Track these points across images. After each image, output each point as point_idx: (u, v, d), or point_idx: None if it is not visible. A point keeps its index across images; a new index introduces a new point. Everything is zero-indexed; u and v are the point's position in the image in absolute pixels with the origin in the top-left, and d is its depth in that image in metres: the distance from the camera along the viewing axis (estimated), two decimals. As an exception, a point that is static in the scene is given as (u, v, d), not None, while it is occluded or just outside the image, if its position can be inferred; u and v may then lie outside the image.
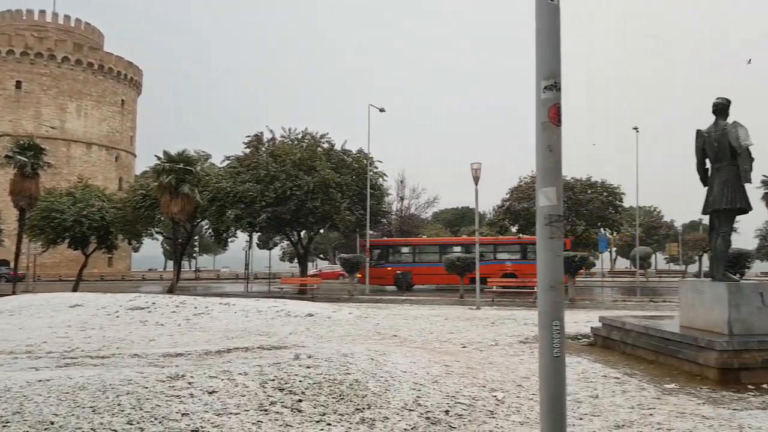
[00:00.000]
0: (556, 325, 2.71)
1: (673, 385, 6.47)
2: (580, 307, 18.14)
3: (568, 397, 5.93)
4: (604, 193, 22.49)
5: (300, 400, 5.17)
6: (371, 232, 32.94)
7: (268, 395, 5.24)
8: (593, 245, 31.22)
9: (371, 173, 29.46)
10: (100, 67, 64.24)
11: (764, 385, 6.41)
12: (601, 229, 26.60)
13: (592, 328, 9.97)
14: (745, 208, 7.82)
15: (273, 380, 5.63)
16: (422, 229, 45.25)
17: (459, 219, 63.31)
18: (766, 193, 60.60)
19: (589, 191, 22.35)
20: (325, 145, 29.88)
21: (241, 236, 31.77)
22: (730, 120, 7.90)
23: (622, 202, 23.56)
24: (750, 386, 6.39)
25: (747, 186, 7.83)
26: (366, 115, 28.96)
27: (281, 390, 5.39)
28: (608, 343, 9.17)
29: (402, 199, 35.96)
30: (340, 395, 5.39)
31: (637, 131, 35.70)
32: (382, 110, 28.72)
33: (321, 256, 71.79)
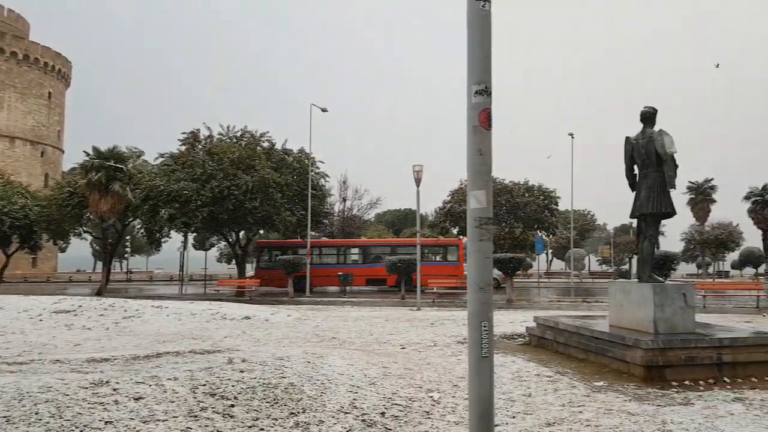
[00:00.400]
0: (484, 326, 2.73)
1: (602, 383, 6.68)
2: (518, 307, 18.59)
3: (503, 396, 6.05)
4: (541, 197, 23.18)
5: (232, 405, 5.01)
6: (313, 233, 32.63)
7: (199, 401, 5.06)
8: (530, 247, 32.13)
9: (313, 173, 29.21)
10: (25, 57, 60.95)
11: (686, 382, 6.72)
12: (538, 232, 27.40)
13: (527, 327, 10.21)
14: (670, 213, 8.20)
15: (204, 385, 5.44)
16: (364, 230, 45.25)
17: (401, 220, 63.80)
18: (691, 198, 64.28)
19: (527, 195, 22.97)
20: (265, 144, 29.41)
21: (176, 237, 30.81)
22: (656, 128, 8.27)
23: (557, 205, 24.36)
24: (674, 383, 6.68)
25: (674, 191, 8.22)
26: (308, 115, 28.69)
27: (213, 395, 5.22)
28: (542, 342, 9.41)
29: (344, 200, 35.90)
30: (275, 399, 5.27)
31: (572, 137, 37.01)
32: (324, 110, 28.53)
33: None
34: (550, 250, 62.95)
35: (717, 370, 7.03)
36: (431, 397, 5.93)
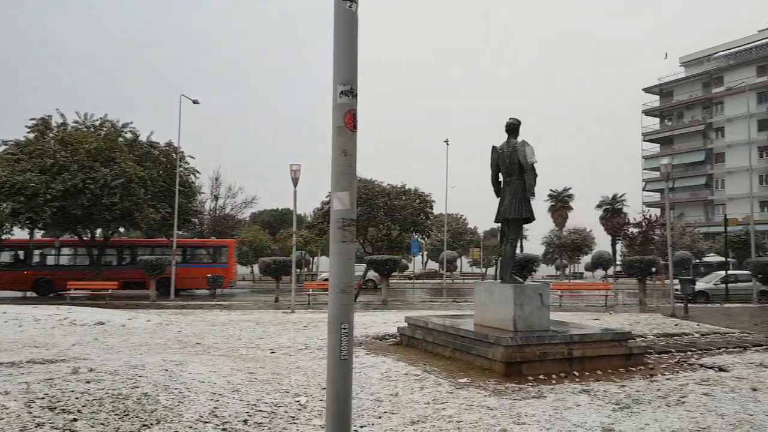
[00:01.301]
0: (345, 328, 2.69)
1: (465, 380, 6.94)
2: (392, 308, 18.93)
3: (370, 396, 6.07)
4: (417, 200, 23.88)
5: (75, 420, 4.54)
6: (180, 232, 30.97)
7: (35, 416, 4.52)
8: (407, 249, 33.00)
9: (181, 169, 27.69)
10: None
11: (541, 376, 7.18)
12: (414, 234, 28.18)
13: (398, 328, 10.39)
14: (530, 218, 8.74)
15: (42, 398, 4.88)
16: (238, 230, 43.82)
17: (278, 220, 62.61)
18: (551, 205, 69.66)
19: (404, 198, 23.55)
20: (129, 135, 27.41)
21: (21, 234, 27.70)
22: (520, 139, 8.79)
23: (432, 209, 25.23)
24: (530, 377, 7.11)
25: (536, 198, 8.79)
26: (177, 107, 27.19)
27: (52, 409, 4.69)
28: (413, 341, 9.62)
29: (216, 198, 34.47)
30: (125, 411, 4.85)
31: (448, 144, 38.71)
32: (195, 102, 27.18)
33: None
34: (426, 252, 65.14)
35: (568, 365, 7.59)
36: (298, 401, 5.80)
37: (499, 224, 9.15)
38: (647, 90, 75.32)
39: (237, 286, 40.91)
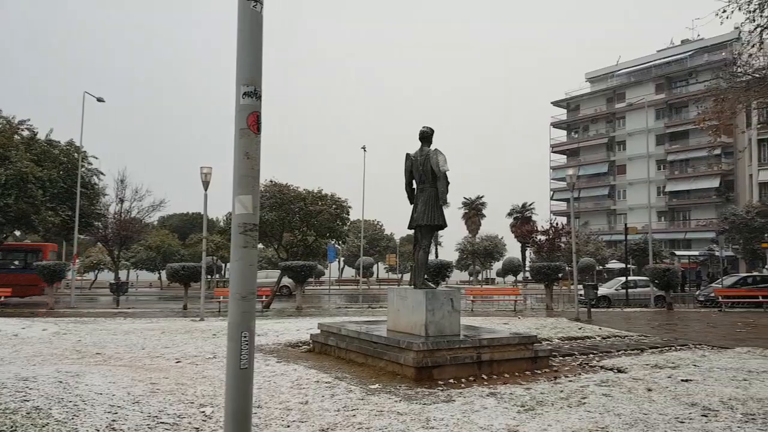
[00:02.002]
0: (245, 336, 2.57)
1: (377, 386, 6.91)
2: (306, 314, 18.68)
3: (279, 405, 5.91)
4: (333, 206, 23.75)
5: (-55, 442, 4.09)
6: (81, 236, 29.12)
7: None
8: (323, 255, 32.77)
9: (84, 169, 26.07)
10: None
11: (451, 380, 7.27)
12: (331, 240, 28.02)
13: (311, 335, 10.23)
14: (442, 225, 8.89)
15: None
16: (145, 234, 41.85)
17: (189, 225, 60.46)
18: (465, 213, 71.65)
19: (320, 203, 23.36)
20: (25, 133, 25.52)
21: None
22: (433, 147, 8.92)
23: (348, 215, 25.19)
24: (440, 381, 7.19)
25: (450, 206, 8.95)
26: (81, 105, 25.59)
27: None
28: (325, 348, 9.50)
29: (122, 200, 32.61)
30: (13, 427, 4.45)
31: (365, 150, 38.91)
32: (100, 100, 25.74)
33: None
34: (342, 258, 65.04)
35: (477, 368, 7.75)
36: (203, 412, 5.55)
37: (413, 231, 9.23)
38: (555, 103, 79.37)
39: (143, 293, 39.01)
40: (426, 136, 8.95)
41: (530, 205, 71.13)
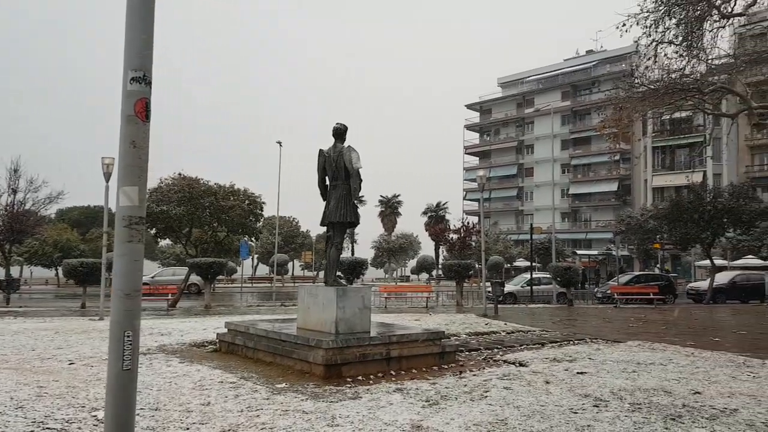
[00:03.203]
0: (128, 336, 2.40)
1: (284, 385, 6.78)
2: (215, 313, 18.10)
3: (179, 407, 5.64)
4: (246, 201, 23.11)
5: None
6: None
7: None
8: (235, 252, 31.89)
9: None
10: None
11: (360, 377, 7.25)
12: (244, 236, 27.29)
13: (217, 334, 9.90)
14: (354, 222, 8.86)
15: None
16: (41, 228, 38.88)
17: (90, 219, 57.04)
18: (381, 211, 72.31)
19: (232, 198, 22.65)
20: None
21: None
22: (346, 144, 8.87)
23: (262, 210, 24.60)
24: (348, 379, 7.15)
25: (367, 204, 8.93)
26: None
27: None
28: (233, 348, 9.22)
29: (15, 191, 30.01)
30: None
31: (281, 145, 38.23)
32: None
33: None
34: (256, 255, 63.69)
35: (386, 365, 7.78)
36: (95, 416, 5.21)
37: (325, 227, 9.15)
38: (469, 106, 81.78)
39: (38, 290, 36.40)
40: (339, 133, 8.89)
41: (444, 204, 72.85)
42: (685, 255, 50.48)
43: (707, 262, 33.03)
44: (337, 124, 8.92)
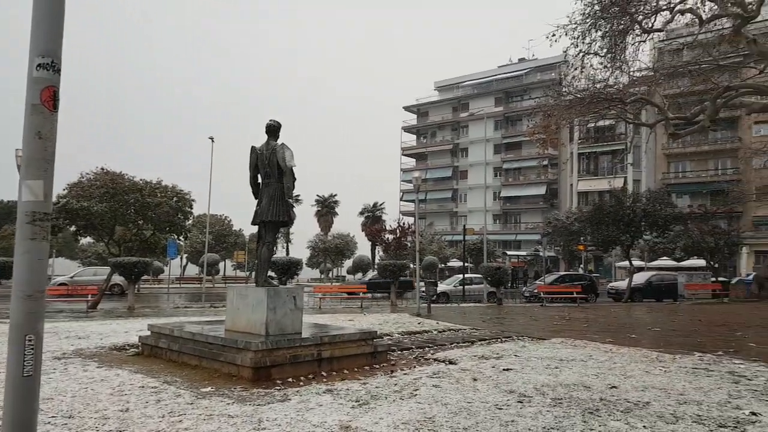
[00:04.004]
0: (30, 340, 2.25)
1: (209, 389, 6.58)
2: (139, 315, 17.38)
3: (95, 414, 5.36)
4: (174, 198, 22.30)
5: None
6: None
7: None
8: (162, 251, 30.76)
9: None
10: None
11: (290, 379, 7.14)
12: (171, 235, 26.37)
13: (139, 337, 9.50)
14: (287, 222, 8.73)
15: None
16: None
17: (3, 214, 53.58)
18: (318, 211, 71.83)
19: (159, 194, 21.81)
20: None
21: None
22: (280, 141, 8.73)
23: (191, 208, 23.81)
24: (278, 381, 7.03)
25: (304, 203, 8.81)
26: None
27: None
28: (156, 351, 8.87)
29: None
30: None
31: (213, 141, 37.16)
32: None
33: None
34: (185, 255, 61.76)
35: (317, 366, 7.71)
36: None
37: (257, 227, 8.97)
38: (407, 108, 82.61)
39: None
40: (273, 130, 8.73)
41: (381, 204, 73.28)
42: (606, 256, 53.01)
43: (626, 263, 34.81)
44: (270, 120, 8.76)
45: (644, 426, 5.16)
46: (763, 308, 22.90)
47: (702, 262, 38.36)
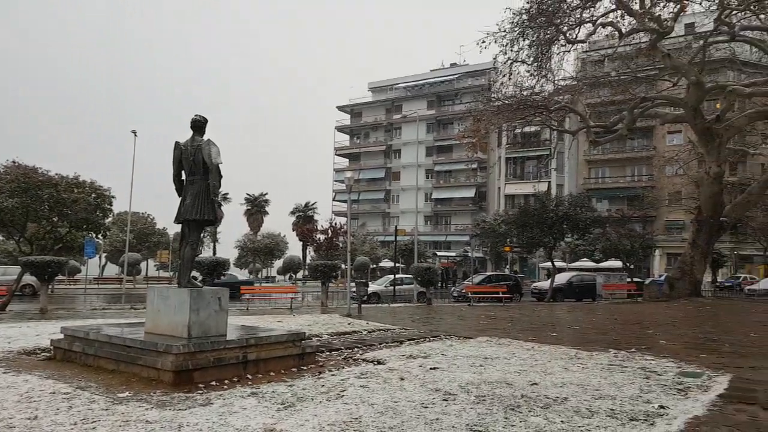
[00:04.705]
0: None
1: (127, 394, 6.29)
2: (52, 317, 16.39)
3: (0, 423, 5.01)
4: (93, 195, 21.15)
5: None
6: None
7: None
8: (79, 250, 29.17)
9: None
10: None
11: (213, 383, 6.93)
12: (89, 233, 25.03)
13: (51, 340, 8.96)
14: (212, 220, 8.47)
15: None
16: None
17: None
18: (247, 209, 70.34)
19: (76, 190, 20.61)
20: None
21: None
22: (206, 137, 8.45)
23: (111, 205, 22.67)
24: (201, 385, 6.80)
25: (233, 201, 8.55)
26: None
27: None
28: (69, 355, 8.38)
29: None
30: None
31: (135, 135, 35.69)
32: None
33: None
34: (104, 254, 58.90)
35: (243, 368, 7.52)
36: None
37: (180, 225, 8.65)
38: (340, 108, 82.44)
39: None
40: (199, 125, 8.44)
41: (313, 204, 72.67)
42: (531, 257, 55.00)
43: (549, 264, 36.23)
44: (196, 116, 8.47)
45: (562, 421, 5.37)
46: (673, 307, 24.41)
47: (619, 264, 40.52)
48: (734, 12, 26.33)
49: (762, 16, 25.59)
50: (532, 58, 28.76)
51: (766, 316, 19.93)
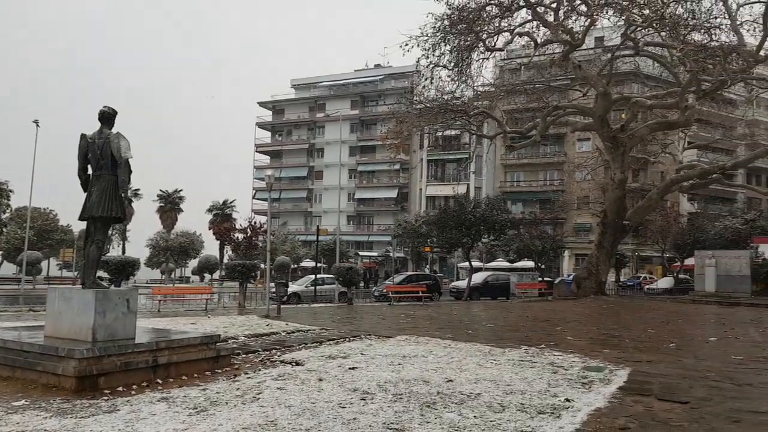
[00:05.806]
0: None
1: (23, 402, 5.87)
2: (-61, 321, 15.03)
3: None
4: (-11, 189, 19.60)
5: None
6: None
7: None
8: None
9: None
10: None
11: (120, 388, 6.59)
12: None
13: (-64, 346, 8.19)
14: (121, 218, 8.05)
15: None
16: None
17: None
18: (161, 206, 67.53)
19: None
20: None
21: None
22: (115, 130, 8.02)
23: (9, 200, 21.07)
24: (106, 390, 6.45)
25: (145, 198, 8.14)
26: None
27: None
28: (-43, 362, 7.70)
29: None
30: None
31: (38, 125, 33.39)
32: None
33: None
34: (0, 252, 54.67)
35: (152, 373, 7.20)
36: None
37: (85, 222, 8.16)
38: (262, 104, 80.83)
39: None
40: (107, 117, 7.99)
41: (231, 202, 70.88)
42: (450, 257, 56.36)
43: (467, 263, 37.27)
44: (104, 107, 8.01)
45: (475, 416, 5.52)
46: (580, 305, 25.78)
47: (531, 264, 42.32)
48: (638, 29, 28.16)
49: (663, 33, 27.53)
50: (452, 64, 29.46)
51: (662, 314, 21.47)
